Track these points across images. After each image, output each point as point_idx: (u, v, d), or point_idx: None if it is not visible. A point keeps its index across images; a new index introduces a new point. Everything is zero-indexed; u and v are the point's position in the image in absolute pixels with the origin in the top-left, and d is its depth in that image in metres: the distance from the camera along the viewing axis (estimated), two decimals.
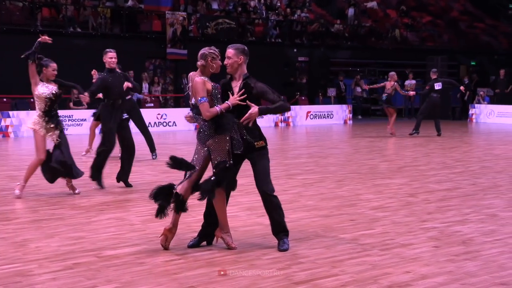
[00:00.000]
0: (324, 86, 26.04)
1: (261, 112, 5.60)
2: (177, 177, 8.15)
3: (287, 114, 22.01)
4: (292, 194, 8.53)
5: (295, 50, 25.96)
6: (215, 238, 5.87)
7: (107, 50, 8.99)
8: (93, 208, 7.62)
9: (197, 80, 5.61)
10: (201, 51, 5.76)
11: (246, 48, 5.86)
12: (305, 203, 7.97)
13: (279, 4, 27.33)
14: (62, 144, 8.20)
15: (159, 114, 19.49)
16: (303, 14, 27.29)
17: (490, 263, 5.40)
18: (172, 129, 19.52)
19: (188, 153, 13.74)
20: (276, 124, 21.64)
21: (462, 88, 18.85)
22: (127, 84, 9.28)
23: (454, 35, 32.06)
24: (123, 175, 9.12)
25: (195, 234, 6.27)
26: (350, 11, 29.04)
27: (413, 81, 25.98)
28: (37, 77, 8.09)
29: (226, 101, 5.60)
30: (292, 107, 22.73)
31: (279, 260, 5.42)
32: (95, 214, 7.28)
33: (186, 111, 6.27)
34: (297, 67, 26.40)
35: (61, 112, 18.02)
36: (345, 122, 23.56)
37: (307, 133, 19.86)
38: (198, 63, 5.73)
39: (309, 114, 22.81)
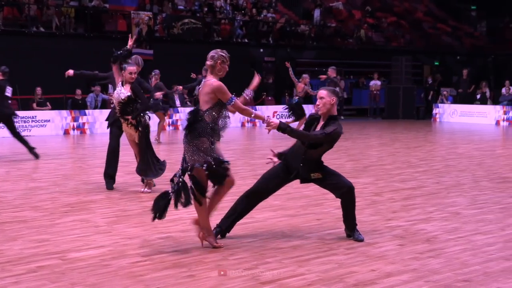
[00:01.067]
0: (290, 86, 26.11)
1: (280, 128, 5.71)
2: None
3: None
4: None
5: (261, 50, 26.00)
6: (200, 242, 5.85)
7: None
8: (57, 210, 7.52)
9: (215, 84, 5.61)
10: (211, 53, 5.77)
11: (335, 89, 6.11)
12: (271, 203, 7.97)
13: (245, 4, 27.34)
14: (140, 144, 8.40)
15: None
16: (269, 14, 27.34)
17: (453, 260, 5.48)
18: None
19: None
20: (242, 124, 21.64)
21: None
22: None
23: (418, 36, 32.47)
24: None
25: (161, 235, 6.24)
26: (316, 12, 29.19)
27: (378, 82, 26.27)
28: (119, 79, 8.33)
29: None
30: (259, 107, 22.76)
31: (246, 260, 5.42)
32: (59, 216, 7.18)
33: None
34: (264, 67, 26.43)
35: (23, 113, 17.77)
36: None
37: (274, 133, 19.87)
38: (207, 62, 5.73)
39: (275, 114, 22.84)
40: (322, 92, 5.95)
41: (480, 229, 6.63)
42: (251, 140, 17.86)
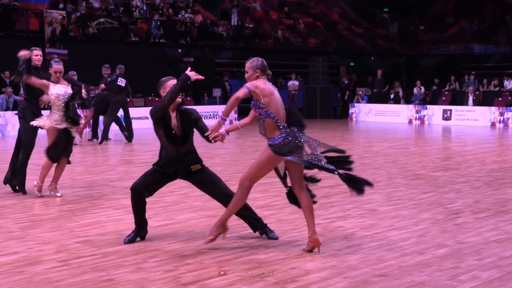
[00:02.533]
0: (209, 87, 26.11)
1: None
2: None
3: None
4: (179, 195, 8.47)
5: (179, 50, 25.84)
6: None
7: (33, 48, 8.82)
8: None
9: None
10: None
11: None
12: (192, 203, 7.94)
13: (162, 4, 27.08)
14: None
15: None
16: (186, 15, 27.20)
17: (370, 256, 5.62)
18: None
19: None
20: None
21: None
22: None
23: (333, 37, 33.16)
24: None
25: (79, 239, 6.08)
26: (234, 12, 29.29)
27: (296, 82, 26.65)
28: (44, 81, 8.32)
29: None
30: None
31: (166, 262, 5.36)
32: None
33: None
34: (182, 68, 26.26)
35: None
36: (230, 122, 23.71)
37: None
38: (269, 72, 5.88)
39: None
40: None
41: (395, 225, 6.83)
42: None
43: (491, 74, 26.84)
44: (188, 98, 24.58)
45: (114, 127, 15.85)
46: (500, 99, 23.89)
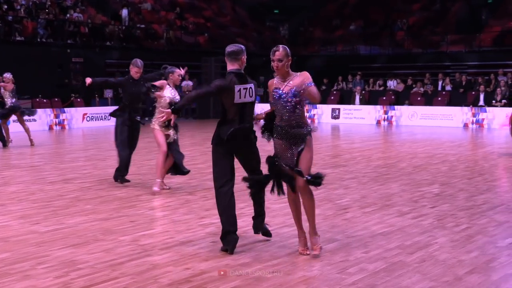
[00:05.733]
0: (99, 87, 25.53)
1: (174, 110, 5.85)
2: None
3: (62, 117, 21.22)
4: (70, 198, 8.25)
5: (68, 51, 25.10)
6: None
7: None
8: None
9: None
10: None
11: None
12: (83, 207, 7.76)
13: (49, 3, 26.18)
14: (173, 143, 8.76)
15: None
16: (75, 14, 26.46)
17: (263, 253, 5.72)
18: None
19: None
20: (50, 127, 20.72)
21: None
22: None
23: (225, 38, 33.35)
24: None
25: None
26: (124, 12, 28.80)
27: (190, 82, 26.61)
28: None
29: None
30: (67, 109, 21.95)
31: (56, 268, 5.21)
32: None
33: None
34: (71, 68, 25.55)
35: None
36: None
37: (84, 135, 19.34)
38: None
39: (85, 116, 22.21)
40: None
41: (287, 222, 6.99)
42: (60, 143, 17.18)
43: (376, 75, 27.98)
44: (79, 100, 23.95)
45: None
46: (384, 98, 24.98)
